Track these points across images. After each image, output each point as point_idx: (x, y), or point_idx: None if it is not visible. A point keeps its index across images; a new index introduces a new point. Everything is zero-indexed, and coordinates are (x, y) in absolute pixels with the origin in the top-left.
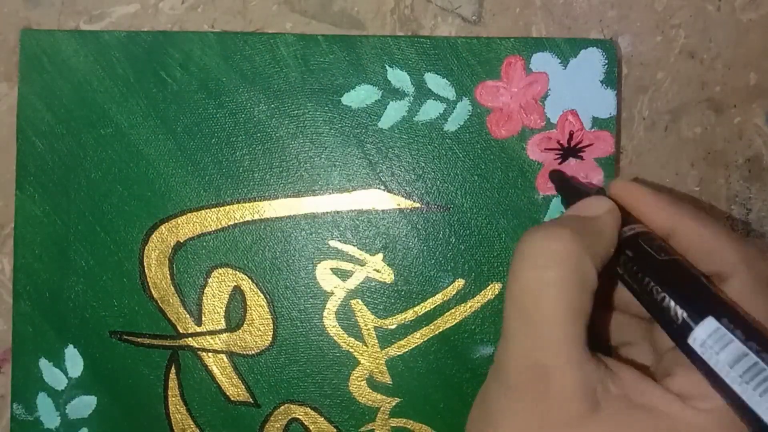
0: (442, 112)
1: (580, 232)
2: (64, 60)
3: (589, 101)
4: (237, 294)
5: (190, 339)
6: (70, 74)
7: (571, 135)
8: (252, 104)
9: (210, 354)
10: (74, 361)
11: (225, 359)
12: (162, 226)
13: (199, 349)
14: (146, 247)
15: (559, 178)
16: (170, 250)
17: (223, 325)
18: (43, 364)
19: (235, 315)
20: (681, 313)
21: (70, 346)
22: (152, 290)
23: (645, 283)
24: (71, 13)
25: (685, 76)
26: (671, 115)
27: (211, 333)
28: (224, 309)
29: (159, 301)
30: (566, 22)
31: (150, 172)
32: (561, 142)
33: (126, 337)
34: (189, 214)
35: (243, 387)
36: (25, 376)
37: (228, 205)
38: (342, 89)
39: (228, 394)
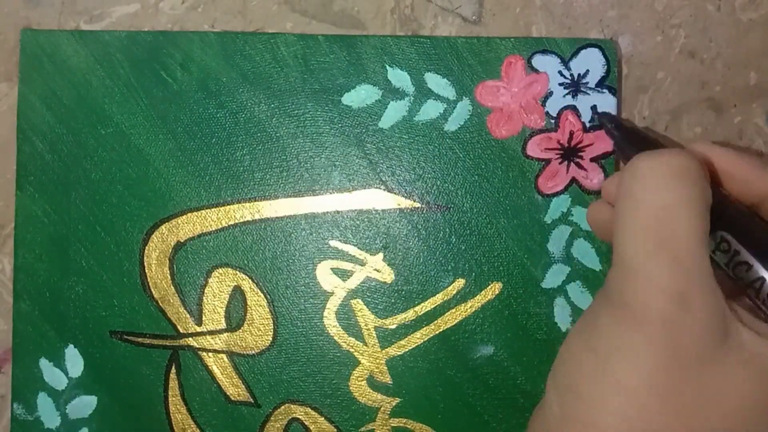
0: (442, 111)
1: (697, 170)
2: (65, 60)
3: (590, 101)
4: (237, 294)
5: (190, 339)
6: (70, 74)
7: (571, 135)
8: (252, 104)
9: (210, 354)
10: (74, 361)
11: (225, 359)
12: (162, 226)
13: (199, 348)
14: (146, 247)
15: (616, 125)
16: (170, 250)
17: (223, 324)
18: (44, 363)
19: (236, 315)
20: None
21: (71, 346)
22: (152, 290)
23: (733, 253)
24: (71, 12)
25: (685, 76)
26: (671, 115)
27: (212, 333)
28: (224, 309)
29: (159, 301)
30: (566, 21)
31: (150, 171)
32: (561, 142)
33: (126, 337)
34: (189, 214)
35: (243, 387)
36: (26, 375)
37: (228, 204)
38: (342, 89)
39: (228, 393)
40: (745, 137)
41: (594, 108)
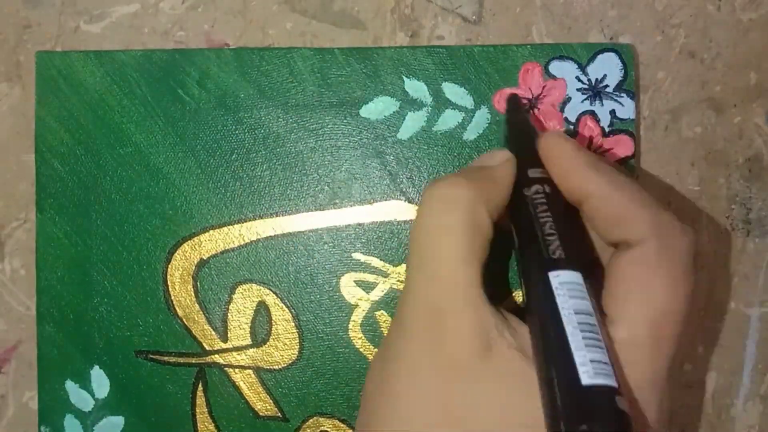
0: (460, 121)
1: (476, 180)
2: (81, 81)
3: (608, 106)
4: (262, 309)
5: (216, 356)
6: (87, 95)
7: (590, 140)
8: (270, 119)
9: (237, 370)
10: (100, 382)
11: (252, 375)
12: (185, 244)
13: (225, 365)
14: (169, 266)
15: (513, 106)
16: (194, 268)
17: (248, 340)
18: (70, 386)
19: (261, 330)
20: (559, 252)
21: (96, 367)
22: (177, 308)
23: (541, 217)
24: (71, 12)
25: (685, 76)
26: (671, 115)
27: (237, 349)
28: (249, 324)
29: (184, 319)
30: (566, 21)
31: (170, 190)
32: None
33: (152, 356)
34: (211, 231)
35: (271, 402)
36: (52, 398)
37: (250, 221)
38: (360, 101)
39: (256, 409)
40: (745, 137)
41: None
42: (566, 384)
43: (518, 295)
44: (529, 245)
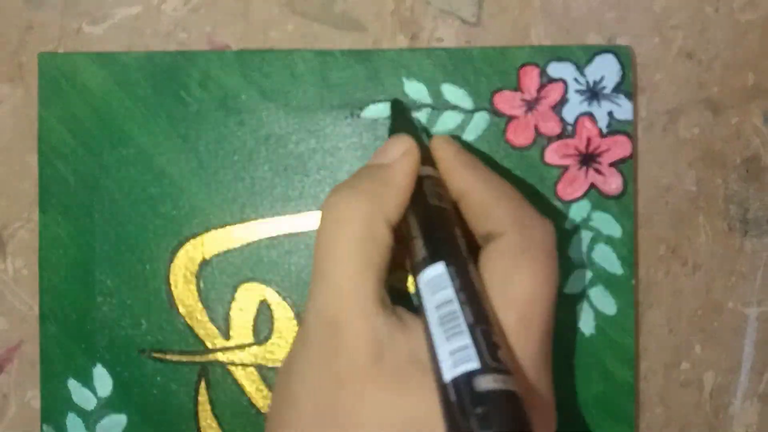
0: (460, 122)
1: (373, 188)
2: (83, 82)
3: (606, 107)
4: (264, 307)
5: (219, 354)
6: (89, 96)
7: (588, 141)
8: (272, 121)
9: (239, 368)
10: (103, 381)
11: (254, 372)
12: (187, 244)
13: (228, 363)
14: (172, 265)
15: (397, 109)
16: (196, 267)
17: (251, 338)
18: (72, 384)
19: (263, 328)
20: (422, 252)
21: (99, 366)
22: (179, 307)
23: (409, 221)
24: (73, 14)
25: (683, 77)
26: (669, 116)
27: (240, 347)
28: (252, 323)
29: (186, 318)
30: (565, 23)
31: (173, 190)
32: (579, 148)
33: (154, 354)
34: (214, 231)
35: None
36: (54, 396)
37: (252, 220)
38: (361, 103)
39: (258, 406)
40: (743, 138)
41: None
42: (438, 384)
43: None
44: (407, 255)
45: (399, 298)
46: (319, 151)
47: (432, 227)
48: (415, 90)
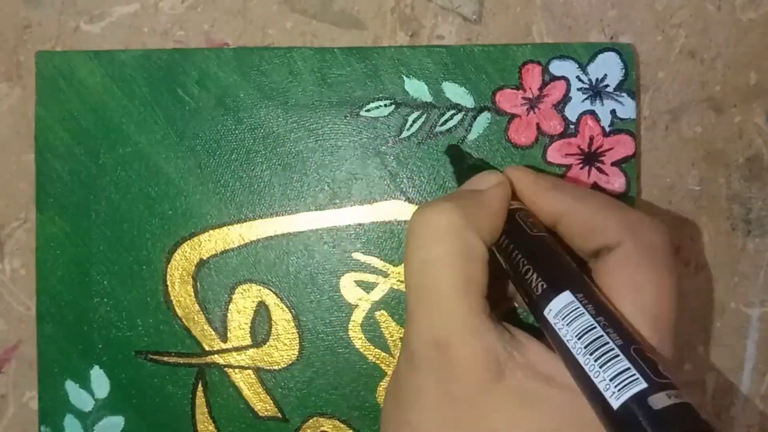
0: (461, 120)
1: (465, 206)
2: (81, 81)
3: (608, 105)
4: (262, 309)
5: (216, 356)
6: (87, 95)
7: (591, 140)
8: (270, 119)
9: (237, 370)
10: (100, 382)
11: (252, 375)
12: (184, 244)
13: (225, 365)
14: (169, 266)
15: (454, 154)
16: (193, 268)
17: (248, 341)
18: (70, 386)
19: (261, 330)
20: (541, 285)
21: (96, 367)
22: (176, 308)
23: (514, 256)
24: (72, 12)
25: (685, 76)
26: (671, 115)
27: (237, 349)
28: (249, 325)
29: (183, 319)
30: (567, 21)
31: (170, 190)
32: (581, 147)
33: (152, 356)
34: (211, 232)
35: (270, 402)
36: (52, 398)
37: (250, 221)
38: (360, 101)
39: (256, 409)
40: (745, 137)
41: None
42: (603, 414)
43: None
44: (520, 290)
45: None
46: (318, 150)
47: (542, 257)
48: (415, 88)
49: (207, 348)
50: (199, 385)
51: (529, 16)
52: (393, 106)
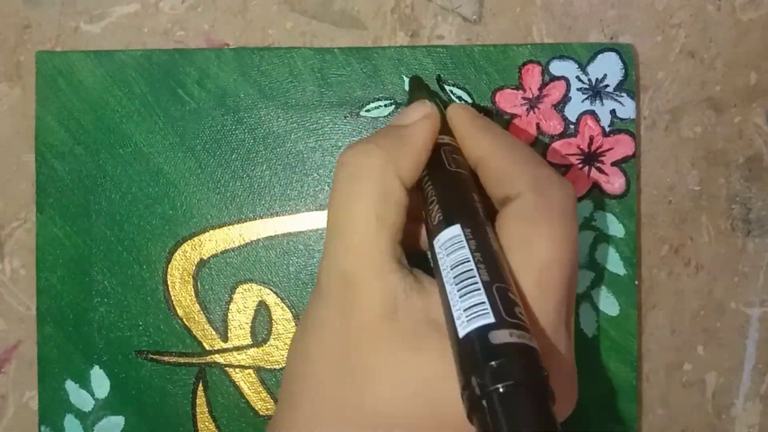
0: None
1: (387, 145)
2: (81, 81)
3: (608, 105)
4: (262, 309)
5: (216, 356)
6: (86, 95)
7: (591, 140)
8: (271, 119)
9: (237, 370)
10: (100, 382)
11: (252, 374)
12: (185, 244)
13: (226, 365)
14: (169, 266)
15: (414, 86)
16: (194, 268)
17: (249, 340)
18: (70, 385)
19: (261, 330)
20: (438, 216)
21: (96, 367)
22: (177, 308)
23: (426, 188)
24: (71, 12)
25: (685, 76)
26: (671, 115)
27: (238, 349)
28: (250, 324)
29: (184, 319)
30: (566, 21)
31: (171, 190)
32: (581, 147)
33: (152, 356)
34: (211, 231)
35: (271, 401)
36: (52, 398)
37: (250, 220)
38: (360, 101)
39: (256, 408)
40: (745, 137)
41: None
42: (453, 342)
43: None
44: (425, 222)
45: (417, 266)
46: (318, 150)
47: (448, 192)
48: None
49: (207, 347)
50: (200, 385)
51: (529, 17)
52: (393, 106)
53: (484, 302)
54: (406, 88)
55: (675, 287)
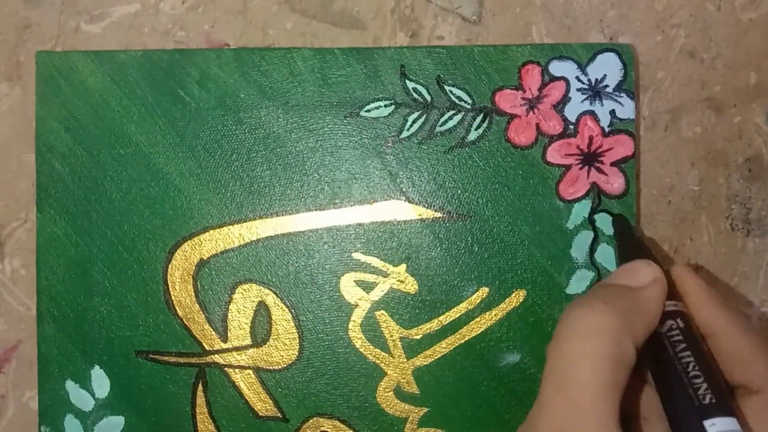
0: (460, 121)
1: (622, 308)
2: (81, 81)
3: (608, 106)
4: (262, 309)
5: (216, 356)
6: (87, 95)
7: (590, 140)
8: (271, 119)
9: (237, 370)
10: (101, 382)
11: (252, 375)
12: (185, 244)
13: (225, 365)
14: (170, 266)
15: (621, 227)
16: (194, 268)
17: (248, 340)
18: (70, 385)
19: (261, 330)
20: (710, 398)
21: (96, 367)
22: (177, 308)
23: (682, 356)
24: (72, 12)
25: (685, 76)
26: (671, 115)
27: (237, 349)
28: (249, 324)
29: (184, 319)
30: (566, 21)
31: (171, 190)
32: (581, 147)
33: (152, 356)
34: (211, 231)
35: (271, 402)
36: (52, 398)
37: (250, 221)
38: (360, 102)
39: (256, 409)
40: (745, 137)
41: (615, 215)
42: None
43: None
44: (674, 388)
45: None
46: (318, 150)
47: (713, 372)
48: (415, 88)
49: (207, 348)
50: (200, 385)
51: (528, 17)
52: (393, 107)
53: None
54: (406, 88)
55: None
